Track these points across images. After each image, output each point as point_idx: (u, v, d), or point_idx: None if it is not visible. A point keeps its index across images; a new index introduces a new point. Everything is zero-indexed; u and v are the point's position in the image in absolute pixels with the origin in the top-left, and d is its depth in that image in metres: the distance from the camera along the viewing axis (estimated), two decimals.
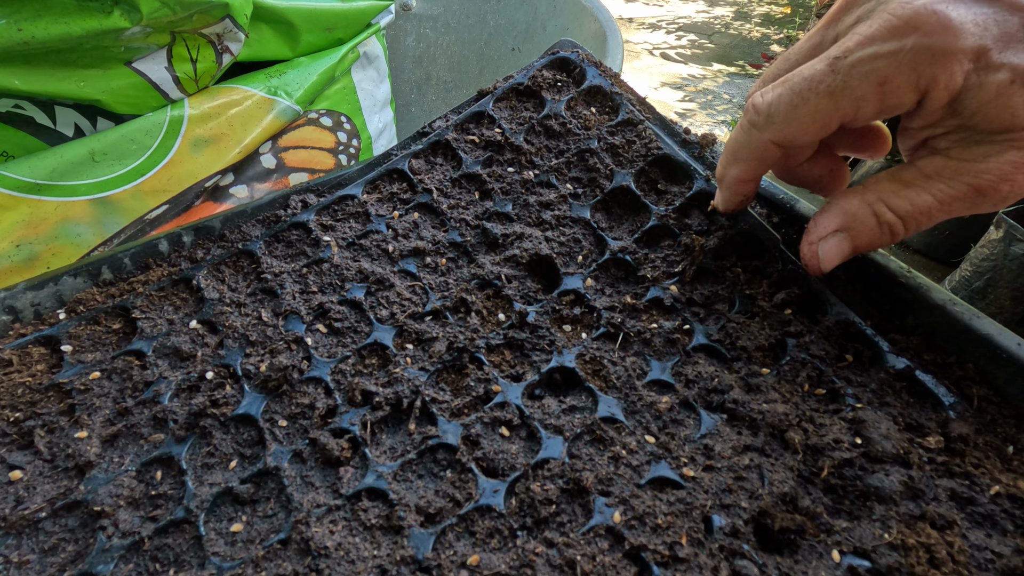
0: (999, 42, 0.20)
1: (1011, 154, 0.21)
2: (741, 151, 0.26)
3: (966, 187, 0.23)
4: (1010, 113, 0.21)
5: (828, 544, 0.22)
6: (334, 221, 0.35)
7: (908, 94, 0.21)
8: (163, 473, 0.25)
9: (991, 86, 0.20)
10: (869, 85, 0.21)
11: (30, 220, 0.34)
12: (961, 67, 0.20)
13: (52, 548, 0.23)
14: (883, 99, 0.21)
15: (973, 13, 0.20)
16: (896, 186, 0.24)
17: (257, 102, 0.41)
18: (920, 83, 0.21)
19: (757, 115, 0.24)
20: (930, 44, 0.20)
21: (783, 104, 0.23)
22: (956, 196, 0.23)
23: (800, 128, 0.23)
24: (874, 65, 0.21)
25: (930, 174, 0.23)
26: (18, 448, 0.26)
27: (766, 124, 0.24)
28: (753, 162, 0.26)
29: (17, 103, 0.34)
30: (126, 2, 0.31)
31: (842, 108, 0.22)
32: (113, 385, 0.28)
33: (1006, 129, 0.21)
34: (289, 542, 0.23)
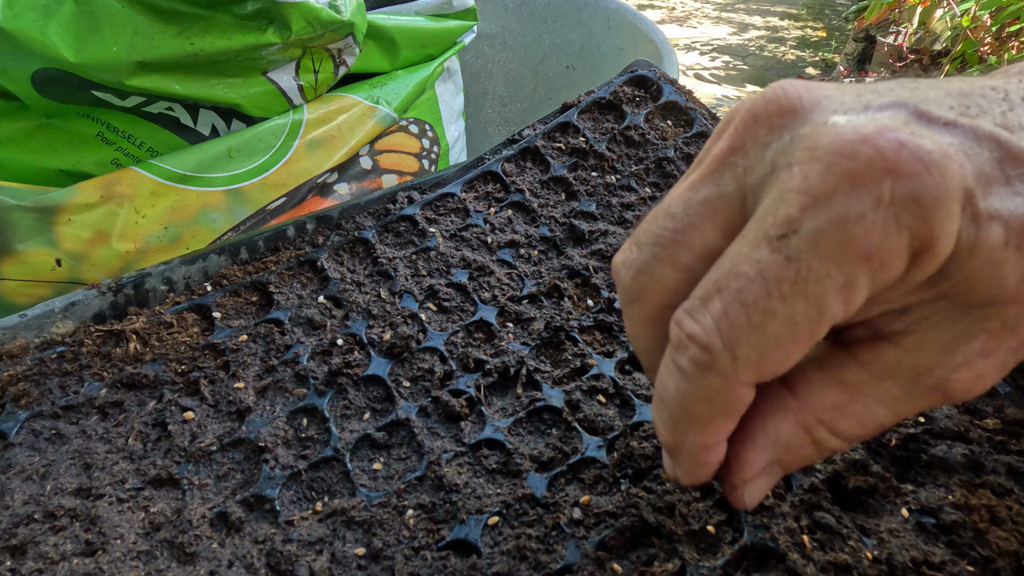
0: (980, 182, 0.14)
1: (982, 341, 0.15)
2: (698, 409, 0.16)
3: (929, 391, 0.16)
4: (1000, 284, 0.15)
5: (896, 503, 0.25)
6: (437, 215, 0.39)
7: (901, 264, 0.14)
8: (308, 421, 0.29)
9: (984, 248, 0.14)
10: (852, 264, 0.14)
11: (177, 206, 0.40)
12: (955, 220, 0.14)
13: (225, 475, 0.27)
14: (874, 277, 0.14)
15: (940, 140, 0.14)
16: (838, 396, 0.17)
17: (363, 110, 0.46)
18: (913, 246, 0.14)
19: (707, 353, 0.15)
20: (915, 190, 0.13)
21: (740, 327, 0.15)
22: (916, 403, 0.17)
23: (781, 354, 0.15)
24: (850, 233, 0.14)
25: (880, 374, 0.16)
26: (187, 394, 0.30)
27: (729, 363, 0.15)
28: (719, 421, 0.17)
29: (170, 105, 0.40)
30: (279, 22, 0.36)
31: (830, 308, 0.14)
32: (259, 347, 0.33)
33: (988, 302, 0.15)
34: (424, 479, 0.27)
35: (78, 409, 0.30)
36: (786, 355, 0.15)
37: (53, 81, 0.36)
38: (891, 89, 0.16)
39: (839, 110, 0.15)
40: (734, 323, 0.15)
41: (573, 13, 0.89)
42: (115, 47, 0.35)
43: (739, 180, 0.16)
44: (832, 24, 3.08)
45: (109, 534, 0.25)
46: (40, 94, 0.37)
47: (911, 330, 0.16)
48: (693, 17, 3.24)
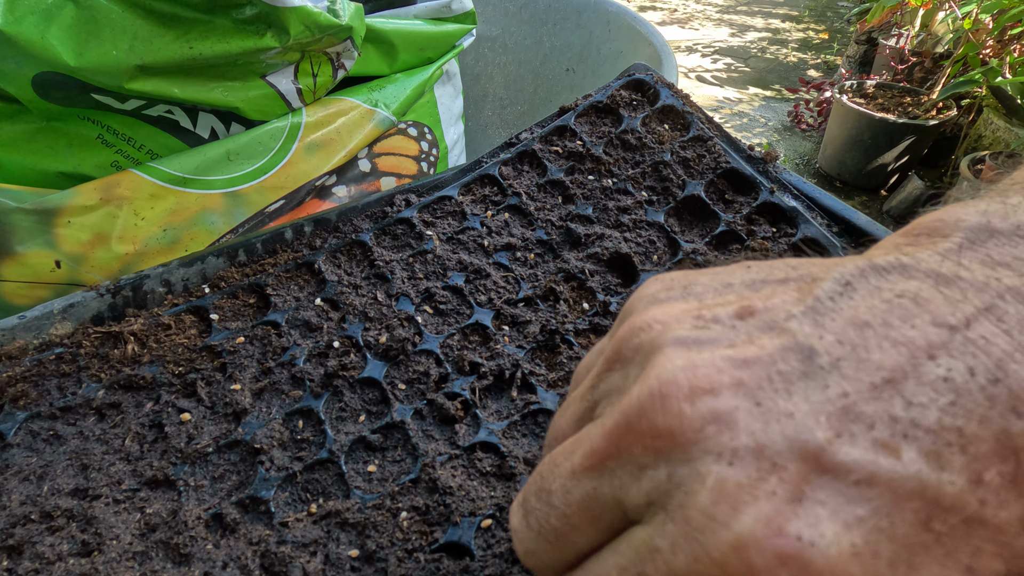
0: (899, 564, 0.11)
1: None
2: None
3: None
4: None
5: None
6: (434, 218, 0.40)
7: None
8: (304, 423, 0.30)
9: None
10: None
11: (176, 209, 0.40)
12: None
13: (220, 476, 0.28)
14: None
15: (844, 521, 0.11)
16: None
17: (361, 112, 0.46)
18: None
19: None
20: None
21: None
22: None
23: None
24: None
25: None
26: (184, 396, 0.31)
27: None
28: None
29: (170, 108, 0.40)
30: (277, 26, 0.36)
31: None
32: (256, 349, 0.33)
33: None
34: (419, 481, 0.27)
35: (76, 410, 0.30)
36: None
37: (54, 84, 0.37)
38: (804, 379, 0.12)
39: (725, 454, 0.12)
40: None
41: (573, 16, 0.89)
42: (115, 51, 0.35)
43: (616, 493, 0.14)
44: (834, 26, 3.08)
45: (105, 535, 0.25)
46: (41, 97, 0.38)
47: None
48: (695, 19, 3.24)
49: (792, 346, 0.13)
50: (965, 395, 0.12)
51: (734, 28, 3.10)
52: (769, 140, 2.13)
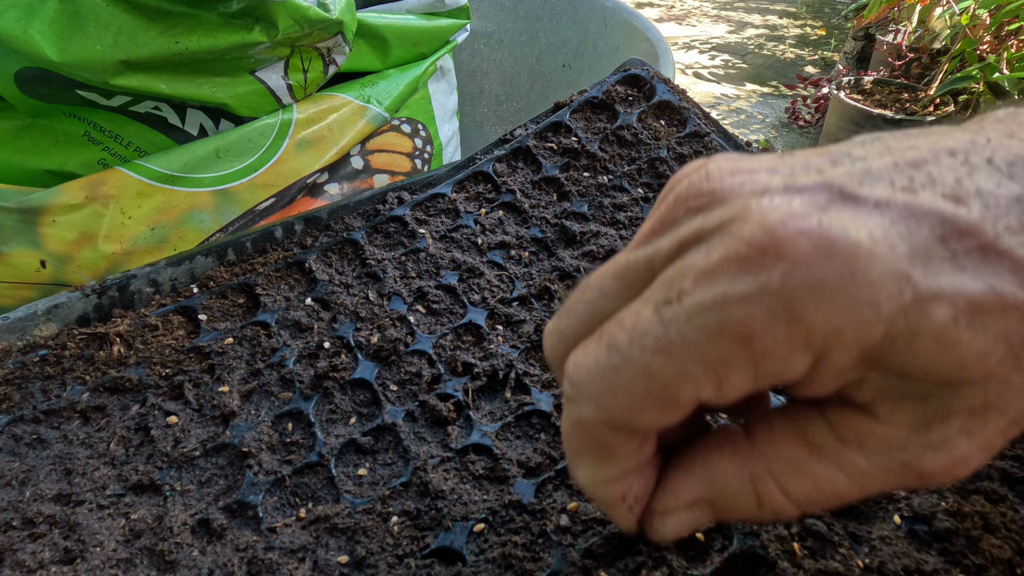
0: (917, 262, 0.13)
1: (961, 419, 0.14)
2: (572, 442, 0.17)
3: (902, 469, 0.15)
4: (957, 364, 0.13)
5: (889, 510, 0.25)
6: (427, 216, 0.39)
7: (793, 355, 0.13)
8: (294, 425, 0.29)
9: (929, 330, 0.13)
10: (726, 343, 0.13)
11: (164, 207, 0.39)
12: (874, 310, 0.13)
13: (208, 481, 0.27)
14: (755, 362, 0.13)
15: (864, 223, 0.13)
16: (797, 451, 0.15)
17: (353, 109, 0.46)
18: (811, 338, 0.13)
19: (571, 387, 0.15)
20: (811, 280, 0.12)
21: (597, 368, 0.15)
22: (886, 480, 0.15)
23: (629, 403, 0.14)
24: (726, 314, 0.13)
25: (849, 439, 0.15)
26: (171, 398, 0.30)
27: (581, 398, 0.15)
28: (592, 456, 0.16)
29: (157, 105, 0.39)
30: (266, 20, 0.36)
31: (692, 376, 0.13)
32: (245, 350, 0.32)
33: (953, 382, 0.14)
34: (410, 485, 0.26)
35: (60, 413, 0.29)
36: (635, 406, 0.14)
37: (37, 80, 0.36)
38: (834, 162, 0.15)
39: (758, 192, 0.14)
40: (596, 362, 0.15)
41: (569, 11, 0.88)
42: (99, 46, 0.34)
43: (650, 257, 0.15)
44: (831, 23, 3.07)
45: (88, 541, 0.24)
46: (24, 93, 0.37)
47: (881, 402, 0.14)
48: (692, 15, 3.23)
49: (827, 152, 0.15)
50: (982, 171, 0.14)
51: (731, 24, 3.09)
52: (766, 136, 2.13)
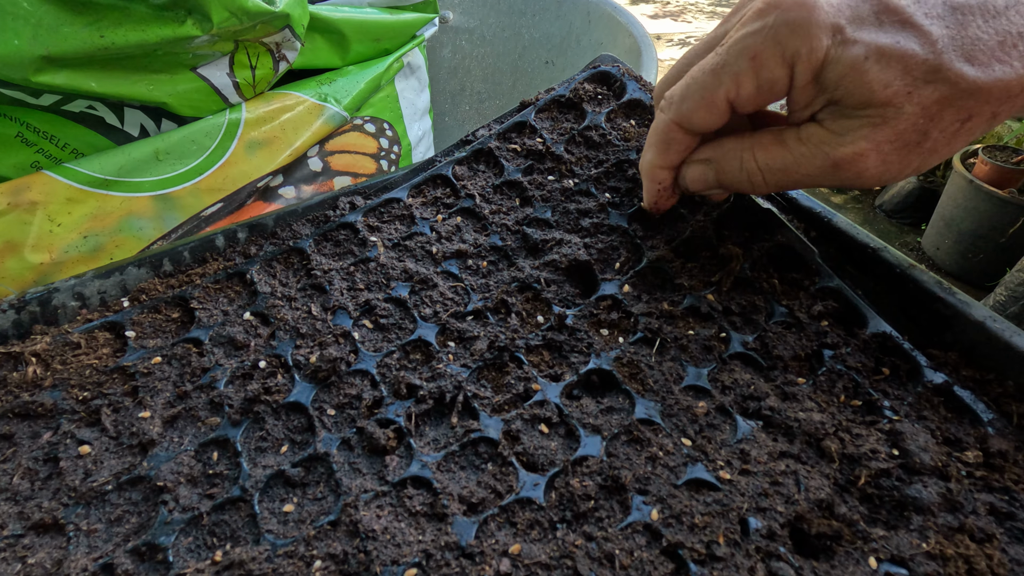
0: (852, 22, 0.22)
1: (865, 131, 0.23)
2: (651, 136, 0.29)
3: (824, 157, 0.25)
4: (868, 88, 0.22)
5: (865, 551, 0.22)
6: (380, 223, 0.36)
7: (778, 67, 0.23)
8: (219, 454, 0.27)
9: (847, 59, 0.22)
10: (744, 60, 0.24)
11: (97, 213, 0.36)
12: (820, 41, 0.22)
13: (118, 519, 0.25)
14: (757, 72, 0.24)
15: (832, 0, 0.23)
16: (771, 140, 0.26)
17: (308, 108, 0.43)
18: (786, 55, 0.23)
19: (665, 101, 0.28)
20: (789, 19, 0.22)
21: (681, 88, 0.26)
22: (814, 164, 0.25)
23: (693, 106, 0.26)
24: (746, 43, 0.24)
25: (802, 138, 0.25)
26: (86, 425, 0.28)
27: (668, 107, 0.27)
28: (660, 147, 0.29)
29: (91, 104, 0.37)
30: (198, 12, 0.33)
31: (724, 84, 0.25)
32: (173, 370, 0.30)
33: (865, 104, 0.23)
34: (339, 524, 0.24)
35: None
36: (695, 109, 0.26)
37: None
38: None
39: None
40: (683, 86, 0.27)
41: (553, 6, 0.86)
42: (16, 40, 0.31)
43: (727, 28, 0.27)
44: None
45: None
46: None
47: (827, 119, 0.25)
48: (687, 12, 3.20)
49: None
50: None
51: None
52: None
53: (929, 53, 0.22)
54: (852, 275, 0.32)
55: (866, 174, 0.24)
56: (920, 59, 0.22)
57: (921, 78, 0.22)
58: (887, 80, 0.22)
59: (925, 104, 0.22)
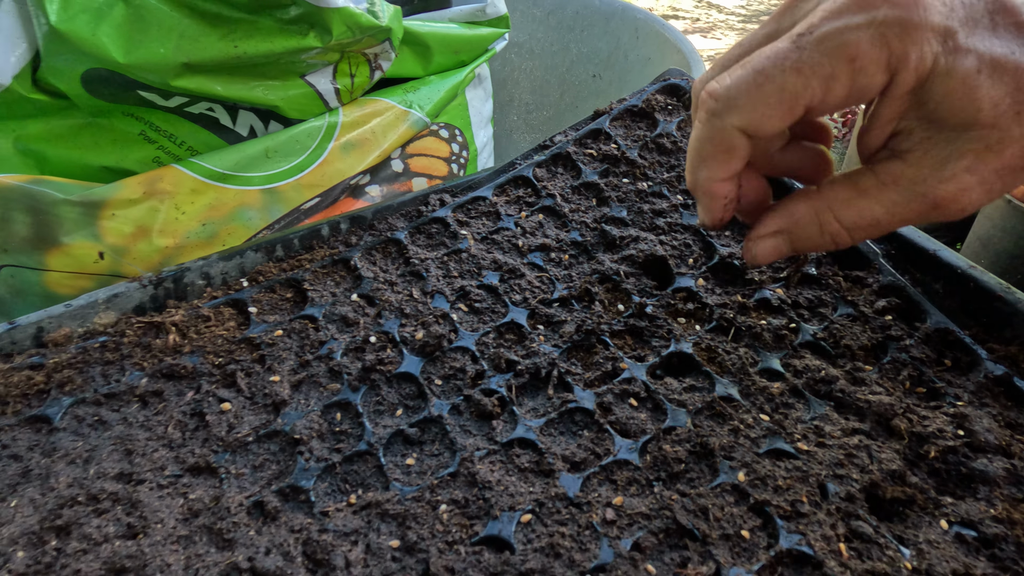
0: (965, 26, 0.19)
1: (968, 161, 0.20)
2: (705, 148, 0.23)
3: (920, 198, 0.21)
4: (975, 106, 0.19)
5: (936, 515, 0.25)
6: (468, 218, 0.40)
7: (878, 73, 0.19)
8: (342, 415, 0.30)
9: (959, 72, 0.19)
10: (839, 61, 0.19)
11: (215, 204, 0.41)
12: (931, 47, 0.19)
13: (260, 465, 0.28)
14: (854, 77, 0.19)
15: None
16: (849, 193, 0.22)
17: (396, 113, 0.47)
18: (891, 60, 0.19)
19: (716, 102, 0.21)
20: (901, 17, 0.18)
21: (745, 85, 0.21)
22: (909, 208, 0.21)
23: (767, 110, 0.20)
24: (844, 39, 0.19)
25: (887, 181, 0.22)
26: (223, 386, 0.31)
27: (727, 110, 0.21)
28: (721, 157, 0.22)
29: (211, 106, 0.41)
30: (320, 26, 0.37)
31: (811, 87, 0.20)
32: (294, 342, 0.33)
33: (969, 124, 0.20)
34: (457, 475, 0.27)
35: (120, 397, 0.30)
36: (769, 114, 0.21)
37: (102, 81, 0.38)
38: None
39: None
40: (741, 83, 0.21)
41: (601, 22, 0.90)
42: (162, 49, 0.36)
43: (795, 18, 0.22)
44: None
45: (150, 518, 0.25)
46: (89, 93, 0.39)
47: (914, 149, 0.21)
48: (717, 28, 3.23)
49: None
50: None
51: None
52: None
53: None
54: (912, 274, 0.35)
55: (969, 208, 0.21)
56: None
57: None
58: (997, 98, 0.19)
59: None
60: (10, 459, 0.28)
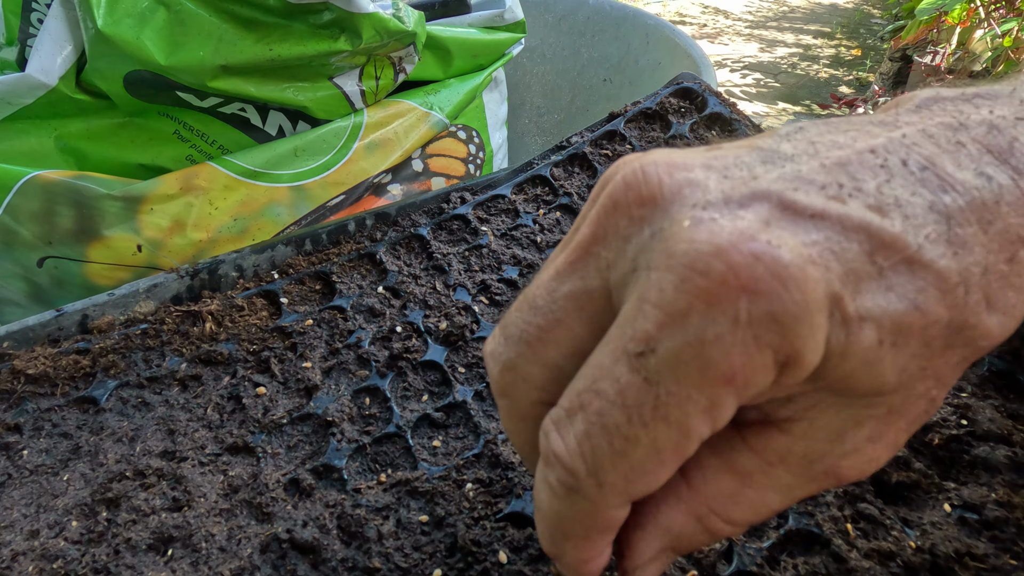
0: (848, 283, 0.13)
1: (870, 427, 0.15)
2: (568, 526, 0.16)
3: (821, 476, 0.16)
4: (879, 380, 0.14)
5: (939, 499, 0.26)
6: (488, 215, 0.41)
7: (765, 377, 0.14)
8: (371, 400, 0.31)
9: (857, 352, 0.14)
10: (714, 387, 0.13)
11: (246, 200, 0.42)
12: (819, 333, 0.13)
13: (295, 446, 0.30)
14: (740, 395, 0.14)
15: (803, 240, 0.13)
16: (730, 484, 0.16)
17: (417, 115, 0.49)
18: (777, 359, 0.13)
19: (573, 476, 0.15)
20: (774, 310, 0.13)
21: (603, 453, 0.14)
22: (810, 488, 0.16)
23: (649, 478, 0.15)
24: (707, 357, 0.13)
25: (772, 460, 0.16)
26: (258, 371, 0.33)
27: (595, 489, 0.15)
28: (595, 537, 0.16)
29: (243, 106, 0.43)
30: (351, 31, 0.39)
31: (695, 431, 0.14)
32: (324, 331, 0.35)
33: (871, 393, 0.15)
34: (481, 456, 0.28)
35: (161, 381, 0.32)
36: (654, 478, 0.15)
37: (143, 82, 0.40)
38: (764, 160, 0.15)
39: (699, 203, 0.14)
40: (597, 448, 0.14)
41: (612, 28, 0.91)
42: (201, 52, 0.38)
43: (603, 275, 0.15)
44: (867, 43, 3.05)
45: (194, 492, 0.27)
46: (129, 94, 0.41)
47: (800, 417, 0.15)
48: (724, 34, 3.25)
49: (755, 147, 0.16)
50: (899, 176, 0.14)
51: (764, 44, 3.09)
52: None
53: (950, 307, 0.14)
54: None
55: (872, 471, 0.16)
56: (943, 322, 0.14)
57: (941, 345, 0.14)
58: (903, 364, 0.14)
59: (940, 374, 0.15)
60: (61, 437, 0.29)
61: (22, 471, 0.28)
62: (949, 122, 0.15)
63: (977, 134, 0.15)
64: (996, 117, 0.15)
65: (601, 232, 0.15)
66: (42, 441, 0.29)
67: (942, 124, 0.15)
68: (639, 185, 0.15)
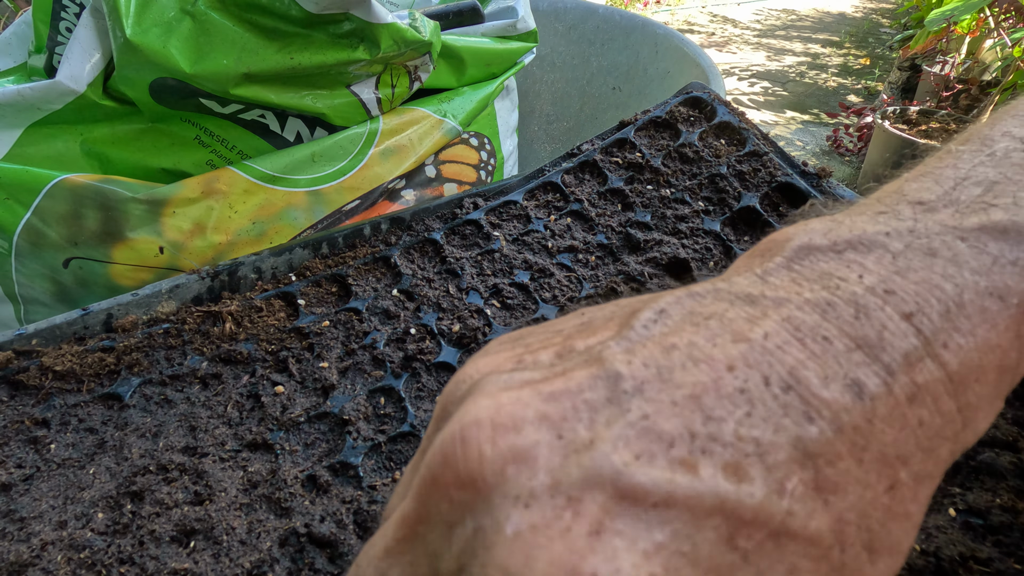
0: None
1: None
2: None
3: None
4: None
5: (944, 503, 0.26)
6: (500, 220, 0.42)
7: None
8: (386, 400, 0.32)
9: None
10: None
11: (264, 204, 0.43)
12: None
13: (312, 443, 0.30)
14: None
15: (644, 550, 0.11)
16: None
17: (431, 122, 0.50)
18: None
19: None
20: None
21: None
22: None
23: None
24: None
25: None
26: (277, 371, 0.34)
27: None
28: None
29: (263, 113, 0.44)
30: (369, 40, 0.40)
31: None
32: (340, 332, 0.36)
33: None
34: None
35: (183, 379, 0.33)
36: None
37: (168, 90, 0.41)
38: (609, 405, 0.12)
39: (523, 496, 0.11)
40: None
41: (621, 37, 0.92)
42: (225, 60, 0.39)
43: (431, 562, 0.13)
44: (875, 52, 3.05)
45: (215, 487, 0.28)
46: (154, 100, 0.42)
47: None
48: (732, 43, 3.26)
49: (600, 374, 0.13)
50: (760, 404, 0.12)
51: (772, 52, 3.10)
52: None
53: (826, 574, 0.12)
54: None
55: None
56: None
57: None
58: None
59: None
60: (86, 432, 0.30)
61: (50, 464, 0.29)
62: (817, 300, 0.13)
63: (845, 322, 0.13)
64: (864, 292, 0.13)
65: (424, 512, 0.13)
66: (69, 435, 0.30)
67: (809, 304, 0.13)
68: (457, 462, 0.12)
